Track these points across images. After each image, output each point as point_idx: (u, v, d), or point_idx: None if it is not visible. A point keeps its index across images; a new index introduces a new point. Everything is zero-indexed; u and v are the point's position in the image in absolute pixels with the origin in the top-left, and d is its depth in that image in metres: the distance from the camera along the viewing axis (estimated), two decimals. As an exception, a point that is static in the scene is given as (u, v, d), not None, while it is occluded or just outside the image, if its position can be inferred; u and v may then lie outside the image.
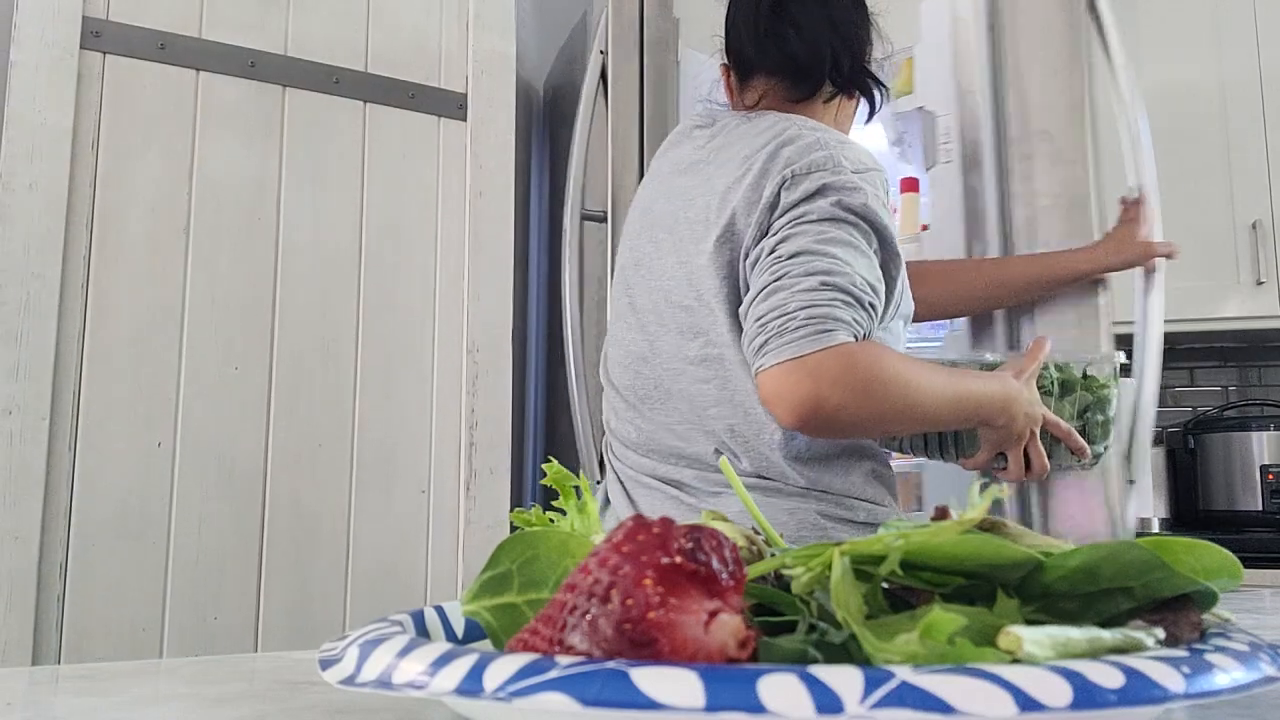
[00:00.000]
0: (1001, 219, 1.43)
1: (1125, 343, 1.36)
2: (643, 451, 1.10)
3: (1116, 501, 1.32)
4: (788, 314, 0.91)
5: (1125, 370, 1.26)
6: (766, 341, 0.91)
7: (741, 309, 0.98)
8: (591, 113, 1.78)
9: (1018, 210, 1.42)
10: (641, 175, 1.63)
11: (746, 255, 0.99)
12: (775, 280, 0.93)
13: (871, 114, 1.17)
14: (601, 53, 1.77)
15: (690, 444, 1.05)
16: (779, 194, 0.98)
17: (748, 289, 0.98)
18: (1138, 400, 1.35)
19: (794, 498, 1.02)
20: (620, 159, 1.74)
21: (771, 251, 0.96)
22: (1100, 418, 1.13)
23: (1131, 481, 1.34)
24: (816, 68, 1.10)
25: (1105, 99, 1.44)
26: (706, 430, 1.03)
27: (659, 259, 1.08)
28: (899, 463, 1.55)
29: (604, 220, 1.77)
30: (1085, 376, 1.15)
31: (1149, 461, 1.36)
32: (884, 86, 1.17)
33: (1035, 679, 0.23)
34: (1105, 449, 1.15)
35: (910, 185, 1.75)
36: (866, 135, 2.51)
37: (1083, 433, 1.12)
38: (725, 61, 1.19)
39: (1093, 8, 1.44)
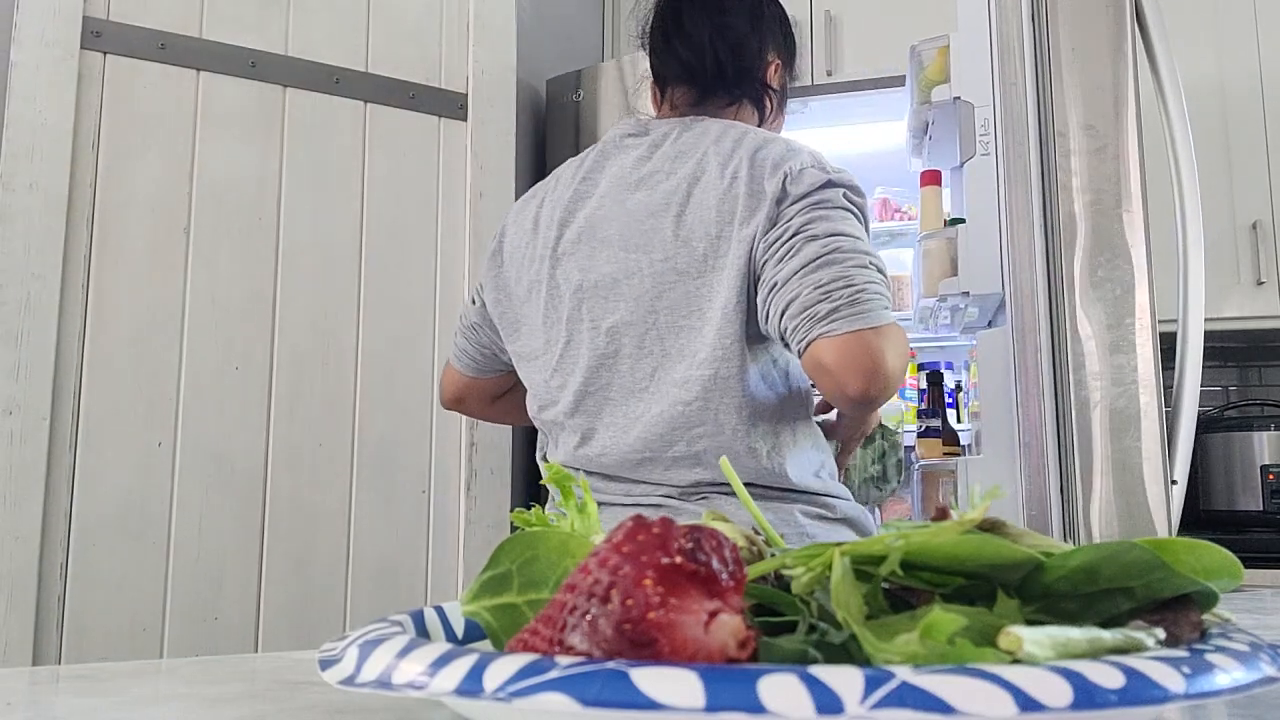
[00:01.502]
0: (1045, 214, 1.42)
1: (1167, 340, 1.37)
2: (611, 475, 1.08)
3: (1160, 501, 1.32)
4: (855, 286, 0.94)
5: (1167, 366, 1.35)
6: (837, 309, 0.93)
7: (771, 283, 0.98)
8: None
9: (1062, 205, 1.41)
10: None
11: (760, 247, 1.00)
12: (828, 253, 0.96)
13: (760, 121, 1.19)
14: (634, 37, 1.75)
15: (656, 466, 1.04)
16: (784, 187, 1.00)
17: (757, 278, 1.00)
18: (1178, 401, 1.35)
19: (775, 500, 1.04)
20: None
21: (800, 232, 0.98)
22: (895, 459, 1.36)
23: (1174, 481, 1.34)
24: (702, 71, 1.14)
25: (1146, 93, 1.44)
26: (678, 452, 1.03)
27: (634, 280, 1.04)
28: (940, 463, 1.68)
29: None
30: (882, 429, 1.35)
31: (1188, 462, 1.36)
32: (784, 100, 1.21)
33: (1035, 679, 0.23)
34: (899, 481, 1.38)
35: (932, 178, 1.73)
36: (865, 135, 2.52)
37: (883, 472, 1.32)
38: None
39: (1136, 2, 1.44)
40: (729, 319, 1.00)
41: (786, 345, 1.01)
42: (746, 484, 1.04)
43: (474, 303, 1.23)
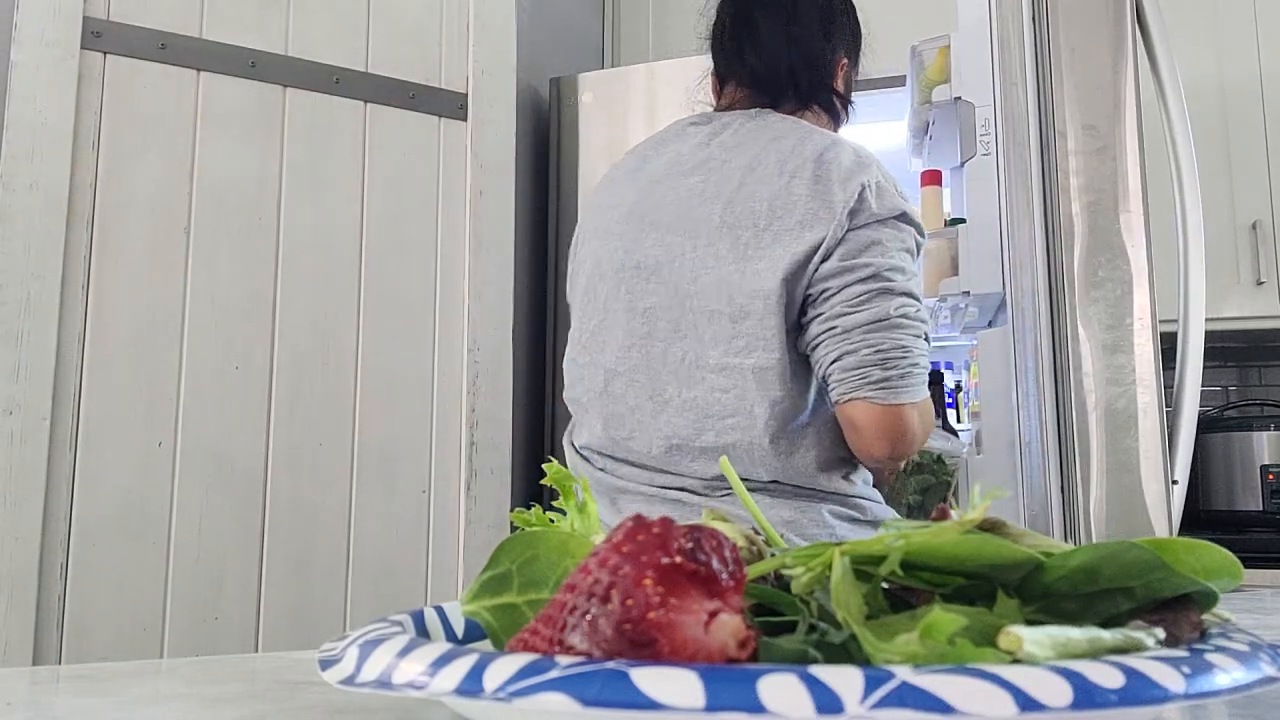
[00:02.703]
0: (1045, 214, 1.42)
1: (1167, 340, 1.36)
2: (636, 461, 1.07)
3: (1160, 501, 1.32)
4: (910, 359, 0.99)
5: (1167, 366, 1.35)
6: (888, 379, 0.98)
7: (831, 325, 0.99)
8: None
9: (1062, 205, 1.41)
10: None
11: (826, 257, 0.99)
12: (897, 317, 0.98)
13: (835, 129, 1.19)
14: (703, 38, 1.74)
15: (684, 455, 1.04)
16: (861, 199, 1.00)
17: (813, 294, 1.00)
18: (1178, 401, 1.35)
19: (803, 499, 1.04)
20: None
21: (876, 276, 0.98)
22: (940, 495, 1.33)
23: (1175, 482, 1.34)
24: (774, 82, 1.13)
25: (1146, 92, 1.44)
26: (706, 442, 1.02)
27: (676, 263, 1.03)
28: None
29: None
30: (937, 462, 1.33)
31: (1188, 462, 1.36)
32: (849, 103, 1.21)
33: (1035, 679, 0.23)
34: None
35: (933, 178, 1.73)
36: (865, 135, 2.52)
37: (922, 505, 1.30)
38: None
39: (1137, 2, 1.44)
40: (772, 310, 0.99)
41: (824, 382, 1.02)
42: (773, 481, 1.04)
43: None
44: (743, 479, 1.01)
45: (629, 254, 1.07)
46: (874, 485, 1.15)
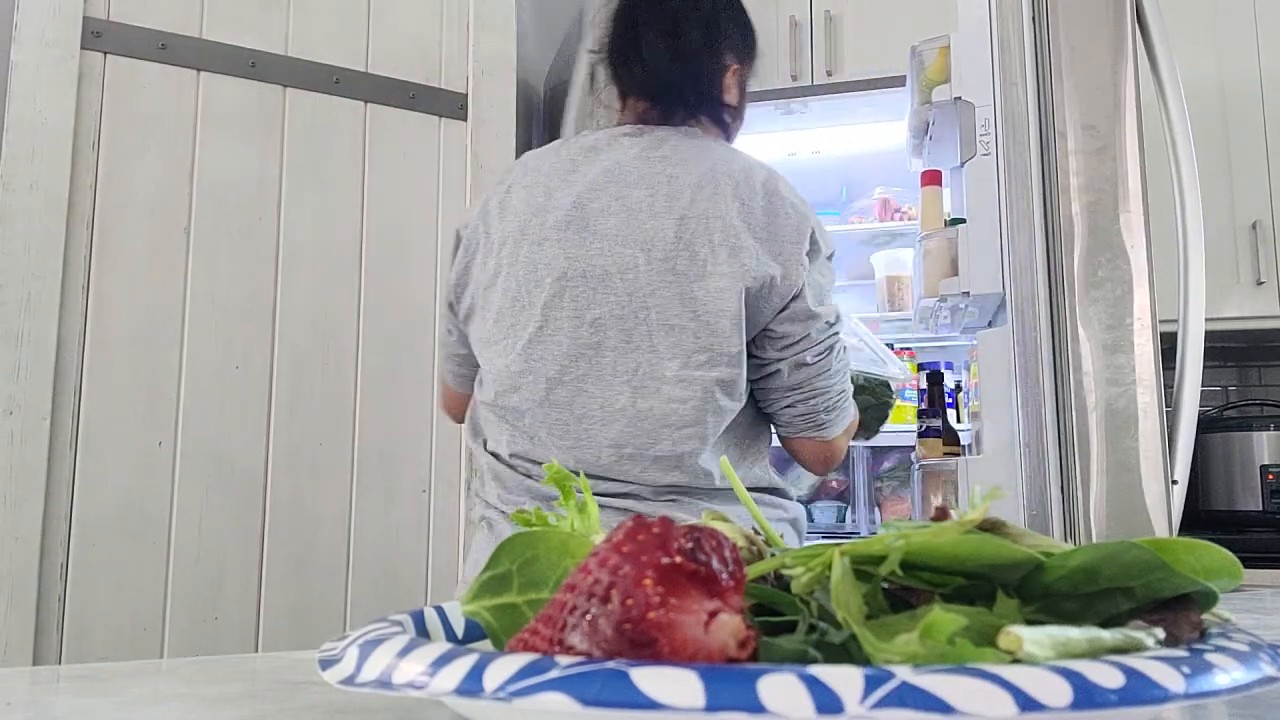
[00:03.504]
0: (1045, 214, 1.42)
1: (1167, 340, 1.36)
2: (584, 470, 1.06)
3: (1160, 501, 1.32)
4: (845, 394, 1.16)
5: (1168, 364, 1.37)
6: (830, 419, 1.14)
7: (789, 373, 1.09)
8: (580, 113, 1.74)
9: (1062, 205, 1.41)
10: None
11: (790, 297, 1.05)
12: (838, 367, 1.12)
13: (726, 137, 1.21)
14: (591, 51, 1.71)
15: (637, 463, 1.05)
16: (812, 245, 1.07)
17: (775, 333, 1.07)
18: (1178, 401, 1.35)
19: (762, 506, 1.12)
20: None
21: (824, 328, 1.09)
22: (878, 415, 1.44)
23: (1175, 481, 1.34)
24: (661, 97, 1.15)
25: (1146, 92, 1.44)
26: (661, 450, 1.04)
27: (630, 275, 1.04)
28: (940, 463, 1.71)
29: None
30: (882, 385, 1.43)
31: (1188, 462, 1.36)
32: (740, 112, 1.21)
33: (1035, 679, 0.23)
34: (875, 433, 1.48)
35: (932, 178, 1.73)
36: (865, 135, 2.52)
37: (861, 423, 1.34)
38: None
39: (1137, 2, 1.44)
40: (736, 328, 1.03)
41: (770, 417, 1.15)
42: (725, 488, 1.07)
43: (450, 309, 1.20)
44: (688, 487, 1.05)
45: (572, 262, 1.06)
46: None
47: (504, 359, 1.08)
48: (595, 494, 1.03)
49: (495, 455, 1.13)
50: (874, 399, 1.42)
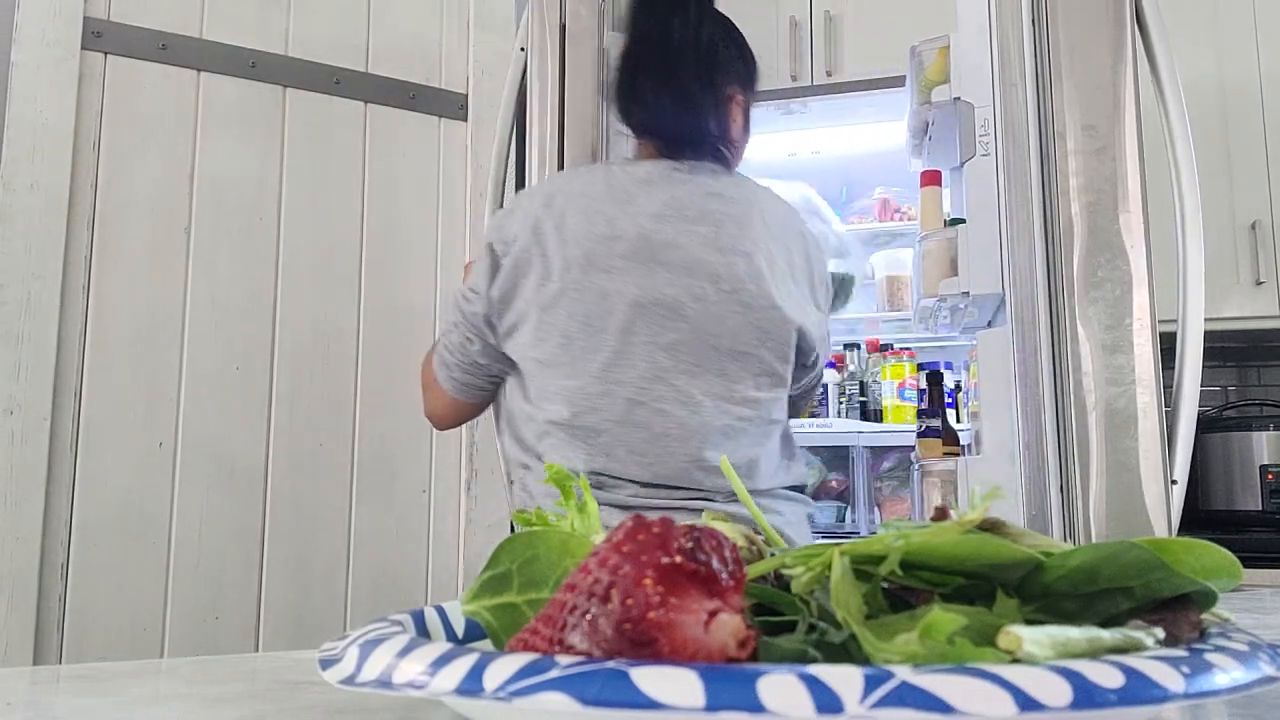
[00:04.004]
0: (1045, 214, 1.42)
1: (1167, 340, 1.36)
2: (658, 483, 1.15)
3: (1160, 501, 1.32)
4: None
5: (1167, 366, 1.38)
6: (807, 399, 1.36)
7: (807, 384, 1.30)
8: (514, 113, 1.68)
9: (1061, 206, 1.41)
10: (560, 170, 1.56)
11: (817, 331, 1.23)
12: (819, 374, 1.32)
13: (727, 167, 1.29)
14: (522, 49, 1.68)
15: (712, 472, 1.15)
16: (828, 284, 1.29)
17: (805, 363, 1.24)
18: (1178, 401, 1.35)
19: (798, 502, 1.23)
20: (541, 159, 1.64)
21: (822, 339, 1.27)
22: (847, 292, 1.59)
23: (1174, 481, 1.34)
24: (664, 138, 1.23)
25: (1146, 93, 1.44)
26: (733, 461, 1.12)
27: (700, 305, 1.14)
28: (940, 463, 1.70)
29: None
30: (838, 281, 1.65)
31: (1188, 462, 1.36)
32: (742, 145, 1.29)
33: (1035, 679, 0.23)
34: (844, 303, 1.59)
35: (932, 178, 1.72)
36: (865, 135, 2.52)
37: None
38: None
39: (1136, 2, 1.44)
40: (792, 356, 1.19)
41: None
42: (778, 488, 1.21)
43: (487, 324, 1.21)
44: (755, 489, 1.18)
45: (643, 291, 1.14)
46: None
47: (575, 380, 1.15)
48: (670, 501, 1.16)
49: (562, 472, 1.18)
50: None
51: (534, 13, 1.63)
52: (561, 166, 1.59)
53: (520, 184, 1.72)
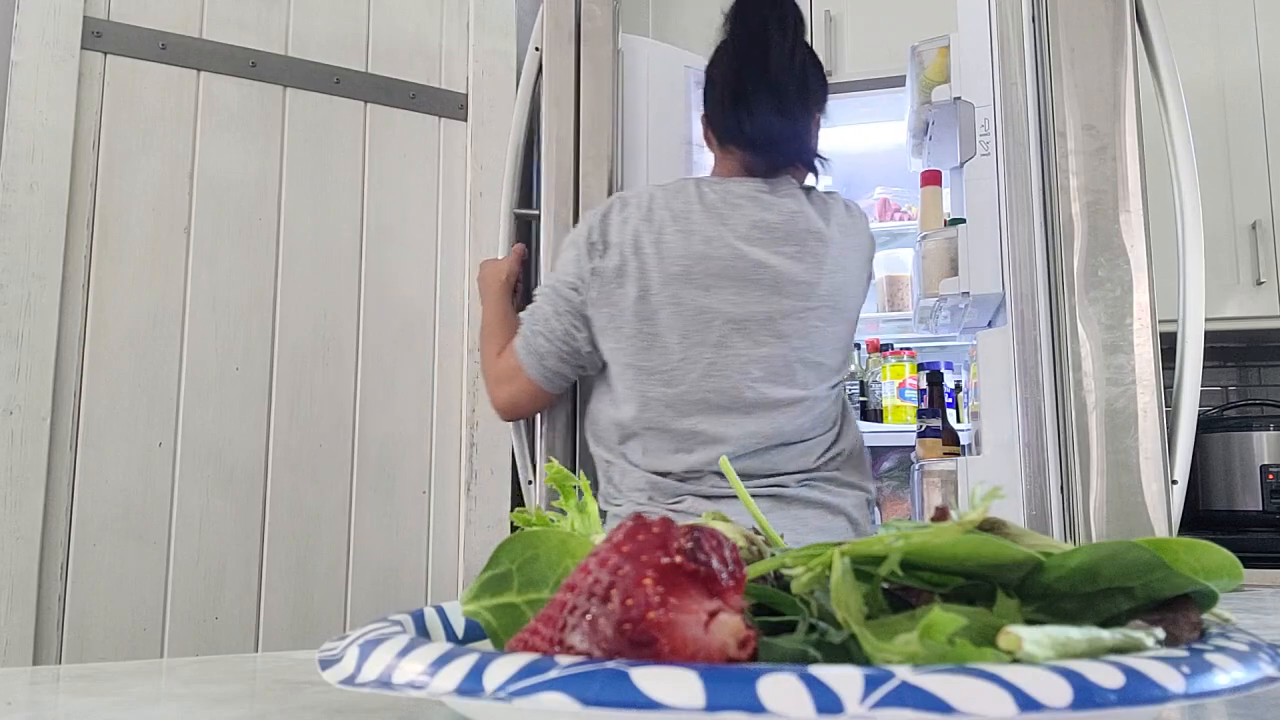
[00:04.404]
0: (1045, 214, 1.42)
1: (1167, 340, 1.36)
2: (753, 474, 1.29)
3: (1160, 501, 1.32)
4: None
5: (1167, 366, 1.38)
6: None
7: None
8: (521, 112, 1.69)
9: (1062, 206, 1.41)
10: (577, 171, 1.58)
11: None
12: None
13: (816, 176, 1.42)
14: (536, 49, 1.69)
15: (794, 461, 1.30)
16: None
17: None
18: (1178, 401, 1.35)
19: (852, 489, 1.34)
20: (558, 157, 1.65)
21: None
22: None
23: (1174, 481, 1.34)
24: (767, 152, 1.32)
25: (1146, 93, 1.44)
26: (806, 448, 1.30)
27: (789, 320, 1.27)
28: (940, 463, 1.70)
29: (533, 219, 1.65)
30: None
31: (1188, 462, 1.36)
32: (825, 161, 1.41)
33: (1035, 679, 0.23)
34: None
35: (932, 178, 1.73)
36: (865, 135, 2.52)
37: None
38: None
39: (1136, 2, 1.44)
40: (852, 351, 1.37)
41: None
42: (832, 461, 1.34)
43: (586, 324, 1.30)
44: (810, 469, 1.31)
45: (738, 307, 1.27)
46: None
47: (674, 388, 1.26)
48: (764, 488, 1.29)
49: (658, 472, 1.29)
50: None
51: (549, 12, 1.63)
52: (577, 166, 1.61)
53: (530, 184, 1.72)
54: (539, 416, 1.51)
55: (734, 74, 1.31)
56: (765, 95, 1.29)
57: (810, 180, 1.40)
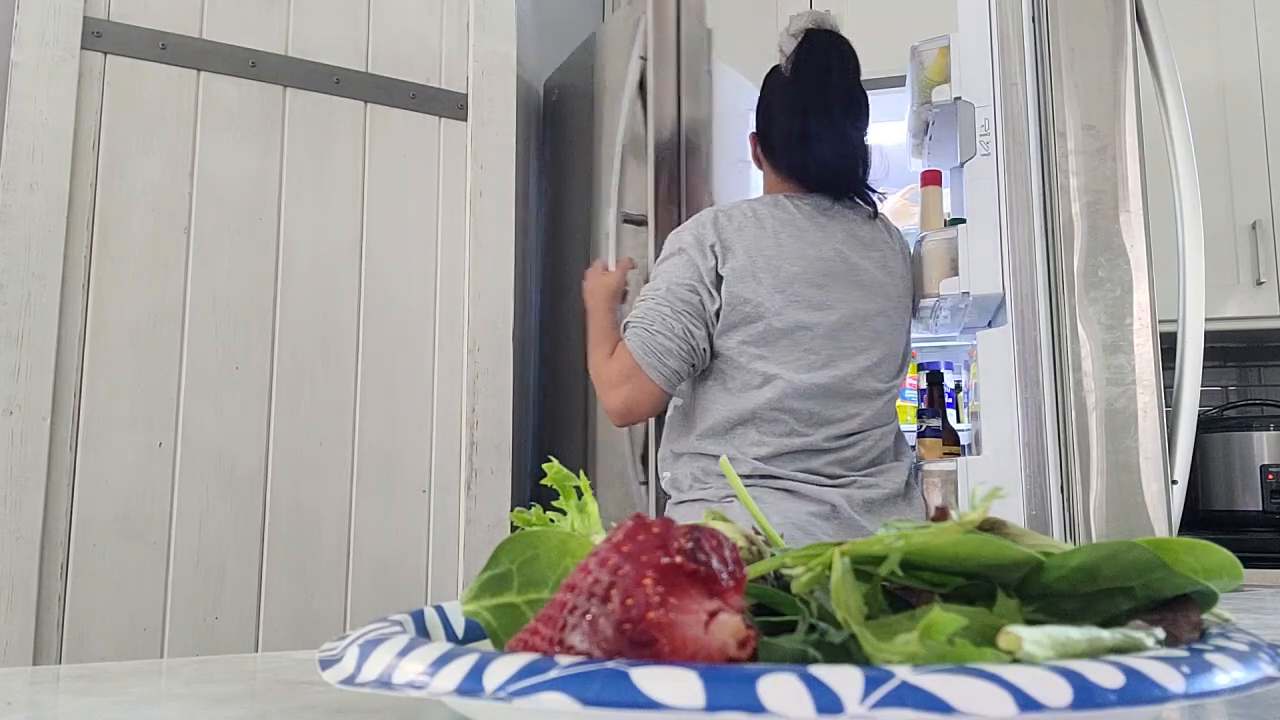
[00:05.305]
0: (1045, 214, 1.43)
1: (1167, 340, 1.36)
2: (837, 457, 1.39)
3: (1160, 501, 1.32)
4: None
5: (1167, 366, 1.39)
6: None
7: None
8: (628, 118, 1.79)
9: (1061, 206, 1.42)
10: (681, 180, 1.72)
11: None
12: None
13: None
14: (641, 58, 1.80)
15: (869, 452, 1.41)
16: None
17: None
18: (1178, 401, 1.35)
19: (902, 469, 1.45)
20: (663, 165, 1.76)
21: None
22: None
23: (1174, 481, 1.34)
24: (831, 183, 1.44)
25: (1146, 93, 1.44)
26: (874, 438, 1.41)
27: (879, 318, 1.42)
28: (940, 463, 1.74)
29: (643, 224, 1.79)
30: None
31: (1188, 462, 1.36)
32: (880, 196, 1.54)
33: (1035, 679, 0.23)
34: None
35: (932, 178, 1.73)
36: (871, 132, 2.51)
37: None
38: (755, 133, 1.51)
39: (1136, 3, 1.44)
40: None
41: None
42: (895, 446, 1.47)
43: (716, 318, 1.39)
44: (877, 460, 1.41)
45: (849, 306, 1.40)
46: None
47: (800, 376, 1.36)
48: (838, 473, 1.39)
49: (763, 460, 1.36)
50: None
51: (654, 26, 1.76)
52: (680, 170, 1.78)
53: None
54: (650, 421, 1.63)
55: (800, 115, 1.42)
56: (829, 129, 1.41)
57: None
